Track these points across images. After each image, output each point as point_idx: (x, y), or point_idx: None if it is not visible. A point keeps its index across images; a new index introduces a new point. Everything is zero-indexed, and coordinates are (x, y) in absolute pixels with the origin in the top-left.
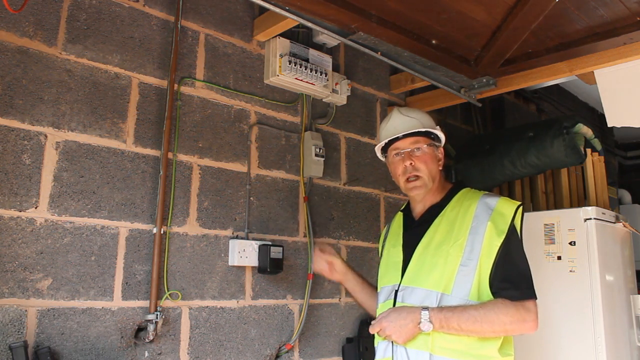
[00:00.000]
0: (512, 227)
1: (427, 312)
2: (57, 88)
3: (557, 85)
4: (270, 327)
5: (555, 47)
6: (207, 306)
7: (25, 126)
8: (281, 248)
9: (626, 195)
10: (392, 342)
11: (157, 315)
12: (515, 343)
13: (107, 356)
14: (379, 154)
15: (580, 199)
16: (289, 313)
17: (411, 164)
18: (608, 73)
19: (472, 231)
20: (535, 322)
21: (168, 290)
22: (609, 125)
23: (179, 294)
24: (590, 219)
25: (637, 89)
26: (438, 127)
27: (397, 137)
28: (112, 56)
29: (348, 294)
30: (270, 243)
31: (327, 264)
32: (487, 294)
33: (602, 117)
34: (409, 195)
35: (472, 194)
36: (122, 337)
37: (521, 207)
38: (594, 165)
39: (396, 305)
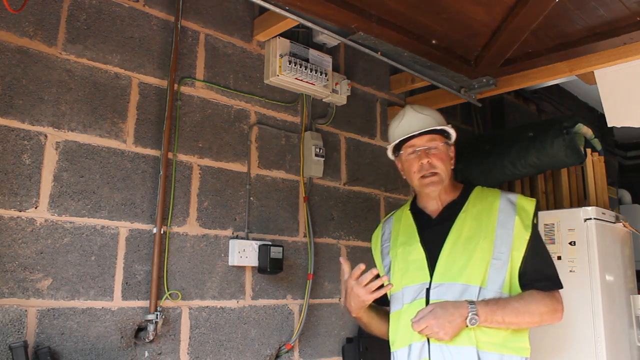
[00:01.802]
0: (533, 222)
1: (474, 305)
2: (57, 88)
3: (557, 85)
4: (270, 327)
5: (555, 47)
6: (207, 306)
7: (25, 126)
8: (281, 248)
9: (626, 195)
10: (428, 341)
11: (157, 315)
12: None
13: (107, 356)
14: (390, 152)
15: (580, 199)
16: (289, 313)
17: (428, 161)
18: (608, 73)
19: (499, 225)
20: (563, 312)
21: (168, 290)
22: (609, 125)
23: (179, 294)
24: (590, 219)
25: (637, 89)
26: (449, 125)
27: (413, 134)
28: (112, 56)
29: None
30: (270, 243)
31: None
32: (516, 286)
33: (602, 117)
34: (421, 192)
35: (489, 191)
36: (122, 337)
37: (537, 203)
38: (594, 165)
39: (430, 303)
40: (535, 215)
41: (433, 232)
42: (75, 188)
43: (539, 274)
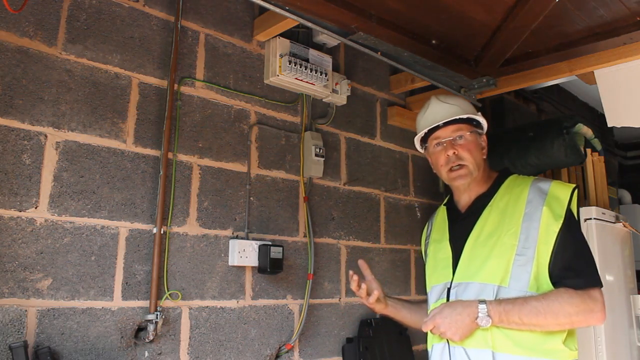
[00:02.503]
0: (569, 211)
1: (484, 305)
2: (57, 88)
3: (557, 85)
4: (270, 327)
5: (555, 47)
6: (207, 306)
7: (25, 126)
8: (281, 248)
9: (626, 195)
10: (448, 342)
11: (157, 315)
12: None
13: (107, 356)
14: (417, 146)
15: (581, 199)
16: (289, 313)
17: (454, 153)
18: (608, 73)
19: (525, 218)
20: (603, 312)
21: (168, 290)
22: (609, 125)
23: (179, 294)
24: (590, 219)
25: (637, 89)
26: (479, 113)
27: (438, 125)
28: (112, 56)
29: (348, 294)
30: (270, 243)
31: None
32: (547, 284)
33: (602, 117)
34: (452, 186)
35: (522, 180)
36: (122, 337)
37: (577, 190)
38: (594, 165)
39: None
40: (572, 202)
41: (460, 228)
42: (75, 188)
43: (569, 271)
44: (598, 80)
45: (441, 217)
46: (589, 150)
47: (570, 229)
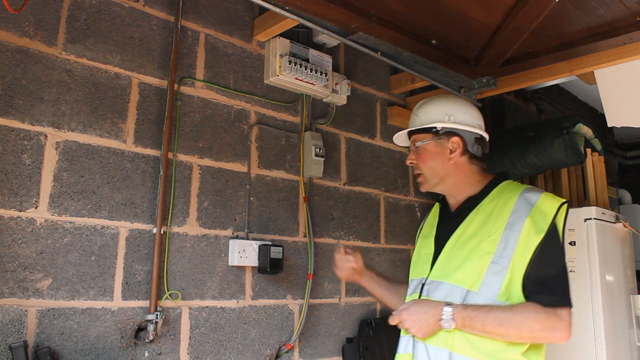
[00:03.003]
0: (552, 226)
1: (450, 308)
2: (57, 88)
3: (557, 85)
4: (270, 327)
5: (555, 47)
6: (207, 306)
7: (25, 126)
8: (281, 248)
9: (626, 195)
10: (413, 336)
11: (157, 315)
12: None
13: (107, 356)
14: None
15: (580, 199)
16: (289, 313)
17: (411, 162)
18: (608, 73)
19: (507, 227)
20: (568, 332)
21: (168, 290)
22: (609, 125)
23: (179, 294)
24: (590, 219)
25: (637, 89)
26: (452, 115)
27: (406, 135)
28: (112, 56)
29: (348, 294)
30: (270, 243)
31: (351, 268)
32: (518, 295)
33: (602, 117)
34: None
35: (513, 187)
36: (122, 337)
37: (566, 205)
38: (594, 165)
39: (421, 299)
40: (558, 217)
41: (446, 227)
42: (75, 188)
43: (540, 286)
44: (598, 80)
45: (434, 213)
46: (589, 150)
47: (550, 244)
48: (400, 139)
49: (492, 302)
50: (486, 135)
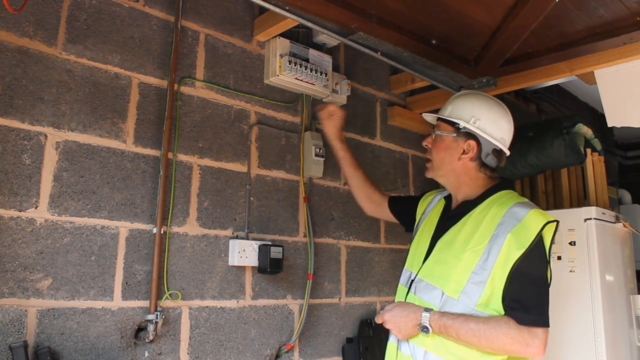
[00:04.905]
0: (535, 243)
1: (428, 314)
2: (57, 88)
3: (557, 85)
4: (270, 327)
5: (555, 47)
6: (207, 306)
7: (25, 126)
8: (281, 248)
9: (626, 195)
10: None
11: (157, 315)
12: None
13: (107, 356)
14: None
15: (580, 199)
16: (289, 313)
17: (426, 144)
18: (608, 73)
19: (492, 239)
20: (541, 349)
21: (168, 290)
22: (609, 125)
23: (179, 294)
24: (590, 219)
25: (637, 89)
26: (478, 119)
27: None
28: (112, 56)
29: (348, 294)
30: (270, 243)
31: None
32: (497, 307)
33: (602, 117)
34: None
35: (507, 199)
36: (122, 337)
37: (553, 224)
38: (594, 165)
39: (409, 296)
40: (544, 235)
41: (442, 227)
42: (75, 188)
43: (516, 303)
44: (598, 80)
45: (438, 208)
46: (589, 150)
47: (530, 261)
48: (430, 117)
49: (470, 310)
50: (507, 152)
